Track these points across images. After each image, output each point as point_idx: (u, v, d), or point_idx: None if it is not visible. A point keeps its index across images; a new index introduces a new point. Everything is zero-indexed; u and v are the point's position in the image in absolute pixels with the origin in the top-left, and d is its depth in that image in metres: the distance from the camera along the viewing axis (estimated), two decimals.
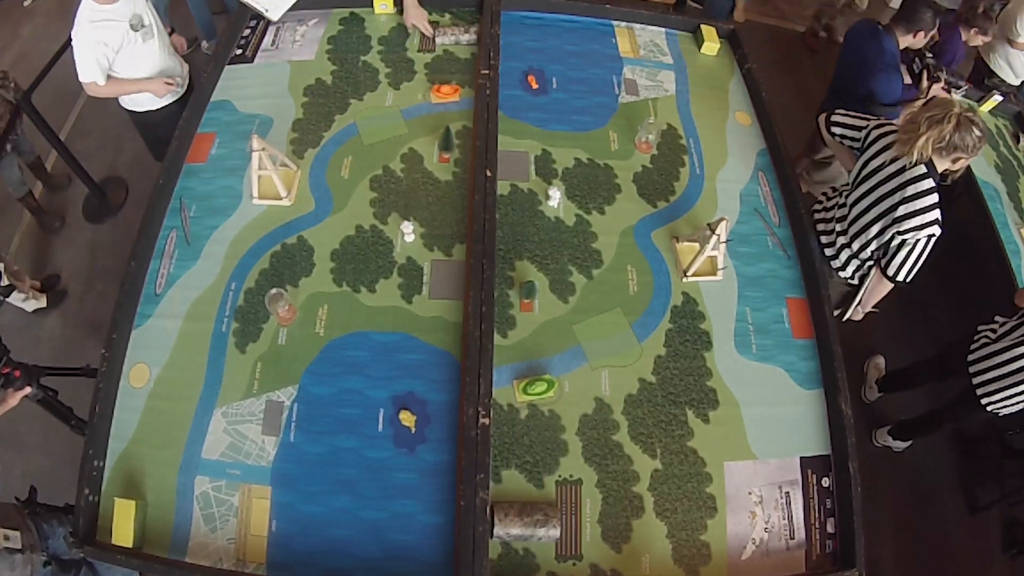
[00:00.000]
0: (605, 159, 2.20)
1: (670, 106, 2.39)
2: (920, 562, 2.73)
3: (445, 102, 2.26)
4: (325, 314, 1.83)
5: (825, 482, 1.78)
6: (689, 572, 1.63)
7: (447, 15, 2.53)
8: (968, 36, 3.08)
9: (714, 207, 2.15)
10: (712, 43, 2.57)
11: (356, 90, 2.29)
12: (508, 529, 1.54)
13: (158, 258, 1.94)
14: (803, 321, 1.99)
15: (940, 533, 2.82)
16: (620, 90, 2.40)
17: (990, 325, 2.42)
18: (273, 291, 1.74)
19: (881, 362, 3.10)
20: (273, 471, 1.63)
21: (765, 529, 1.71)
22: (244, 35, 2.45)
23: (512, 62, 2.38)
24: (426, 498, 1.61)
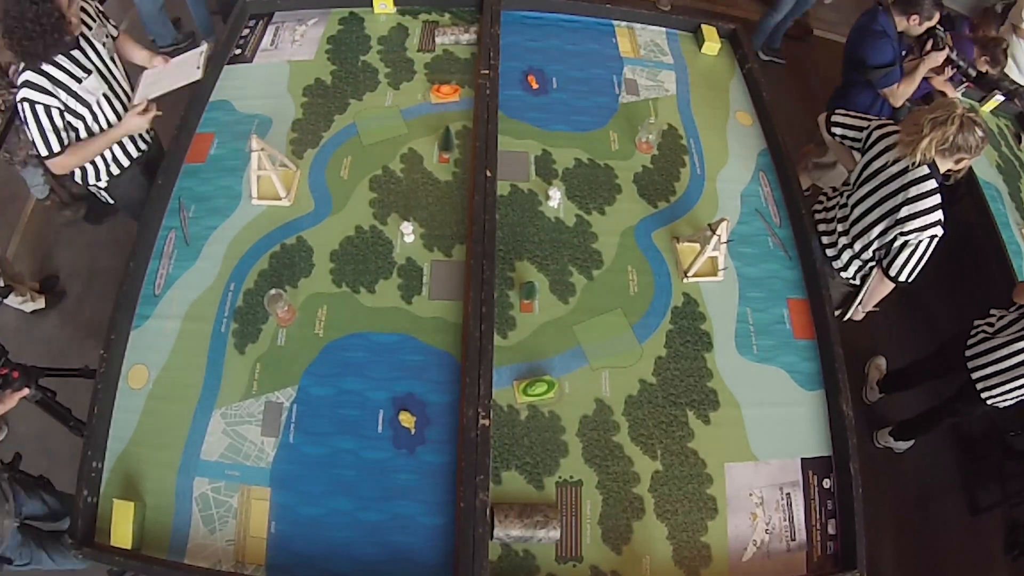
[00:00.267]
0: (605, 159, 2.19)
1: (671, 106, 2.38)
2: (921, 564, 2.73)
3: (445, 102, 2.26)
4: (324, 315, 1.82)
5: (826, 483, 1.78)
6: (690, 574, 1.62)
7: (447, 15, 2.53)
8: (977, 59, 3.04)
9: (715, 207, 2.15)
10: (713, 43, 2.56)
11: (356, 90, 2.28)
12: (508, 531, 1.53)
13: (157, 258, 1.93)
14: (804, 322, 1.99)
15: (941, 535, 2.81)
16: (620, 90, 2.39)
17: (987, 319, 2.42)
18: (272, 292, 1.73)
19: (882, 363, 3.09)
20: (272, 472, 1.63)
21: (766, 530, 1.70)
22: (243, 35, 2.44)
23: (512, 62, 2.38)
24: (426, 499, 1.60)
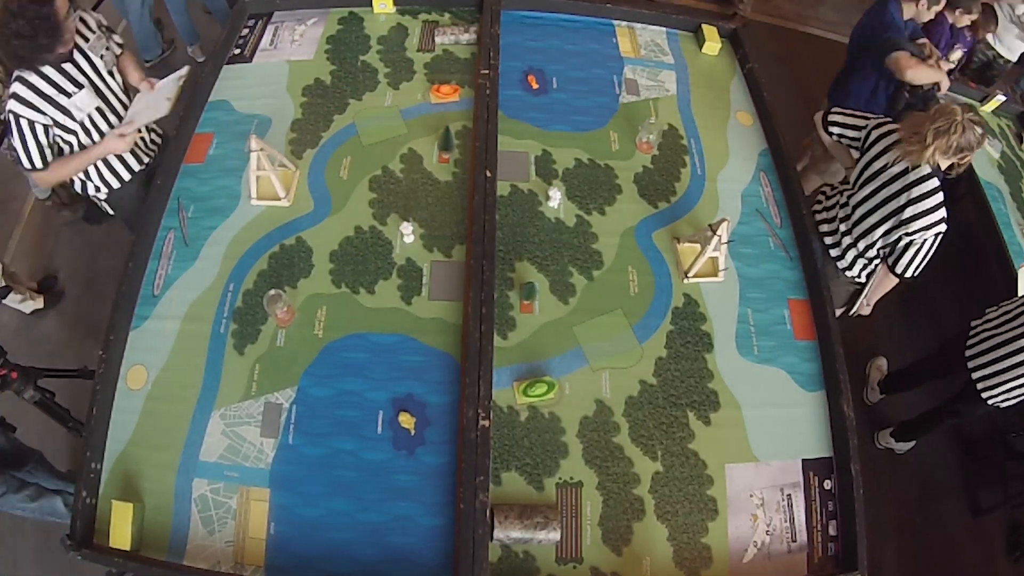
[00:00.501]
0: (606, 159, 2.19)
1: (671, 106, 2.38)
2: (922, 565, 2.72)
3: (445, 102, 2.25)
4: (324, 315, 1.82)
5: (827, 484, 1.77)
6: (690, 575, 1.62)
7: (447, 15, 2.52)
8: (954, 18, 3.03)
9: (715, 208, 2.14)
10: (713, 43, 2.56)
11: (355, 90, 2.28)
12: (508, 532, 1.53)
13: (156, 259, 1.93)
14: (805, 322, 1.98)
15: (943, 536, 2.80)
16: (621, 90, 2.38)
17: (984, 318, 2.42)
18: (271, 292, 1.73)
19: (883, 364, 3.08)
20: (272, 473, 1.62)
21: (767, 532, 1.70)
22: (242, 35, 2.44)
23: (512, 62, 2.37)
24: (425, 501, 1.60)
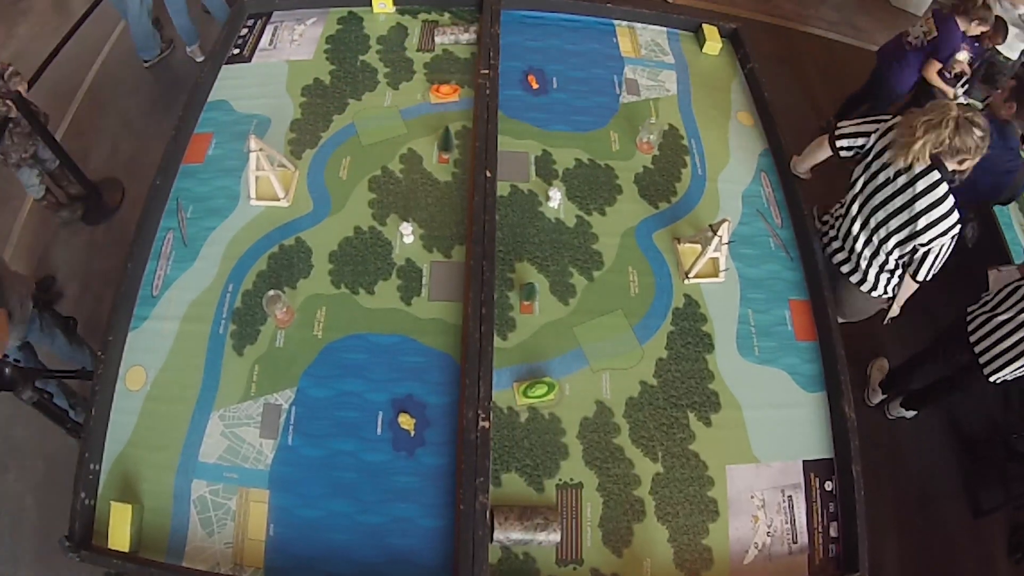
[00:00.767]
0: (606, 160, 2.18)
1: (671, 106, 2.37)
2: (923, 566, 2.72)
3: (444, 102, 2.24)
4: (323, 316, 1.81)
5: (828, 486, 1.76)
6: None
7: (447, 14, 2.52)
8: (967, 27, 3.05)
9: (716, 208, 2.13)
10: (714, 43, 2.55)
11: (355, 90, 2.27)
12: (508, 533, 1.52)
13: (155, 259, 1.92)
14: (806, 323, 1.97)
15: (944, 537, 2.80)
16: (621, 90, 2.38)
17: (980, 302, 2.46)
18: (271, 293, 1.72)
19: (885, 365, 3.09)
20: (271, 475, 1.62)
21: (767, 533, 1.69)
22: (241, 34, 2.43)
23: (512, 62, 2.37)
24: (425, 502, 1.59)
